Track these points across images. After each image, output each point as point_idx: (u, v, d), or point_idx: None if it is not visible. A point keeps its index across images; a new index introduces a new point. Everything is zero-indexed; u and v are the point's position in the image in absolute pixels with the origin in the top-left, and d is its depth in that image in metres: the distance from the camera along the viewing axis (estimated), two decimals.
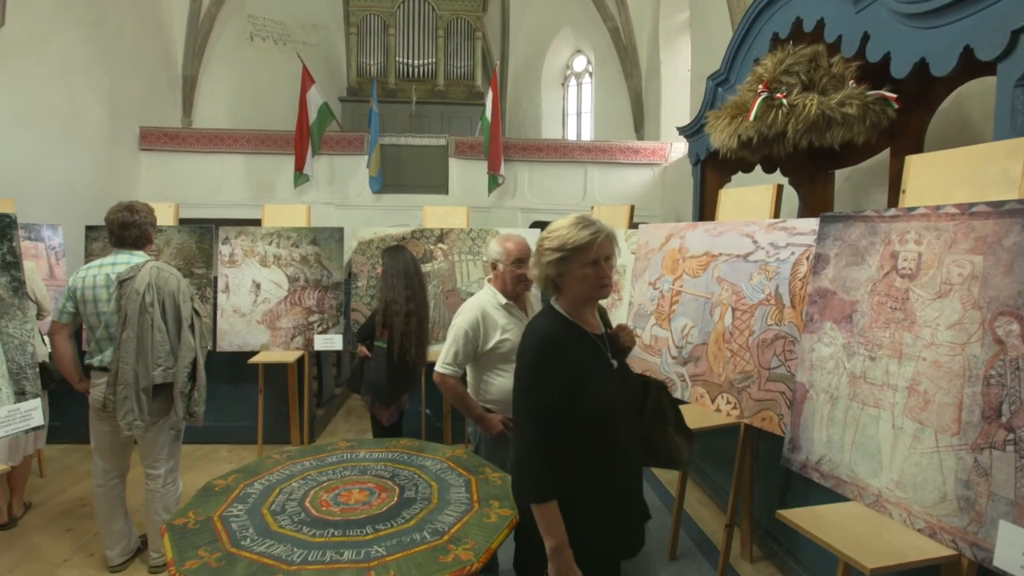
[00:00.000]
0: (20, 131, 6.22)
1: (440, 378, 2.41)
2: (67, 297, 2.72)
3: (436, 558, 1.64)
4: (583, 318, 1.67)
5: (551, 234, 1.59)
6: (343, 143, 8.76)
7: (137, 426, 2.63)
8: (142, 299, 2.61)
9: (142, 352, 2.62)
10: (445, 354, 2.39)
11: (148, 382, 2.63)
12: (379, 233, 4.31)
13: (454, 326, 2.40)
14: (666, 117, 8.85)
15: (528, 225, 8.42)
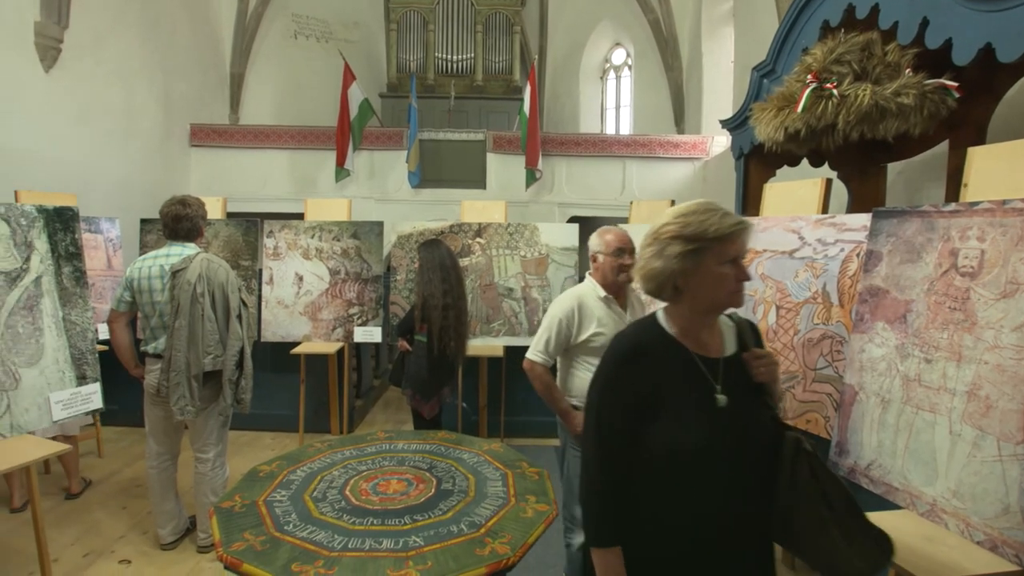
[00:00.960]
0: (82, 129, 6.50)
1: (529, 365, 2.36)
2: (124, 287, 2.83)
3: (473, 550, 1.65)
4: (696, 336, 1.32)
5: (681, 219, 1.26)
6: (383, 138, 8.87)
7: (188, 411, 2.72)
8: (193, 289, 2.70)
9: (193, 340, 2.71)
10: (537, 341, 2.35)
11: (199, 369, 2.73)
12: (418, 227, 4.36)
13: (549, 314, 2.37)
14: (707, 110, 8.67)
15: (565, 220, 8.37)
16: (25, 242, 2.45)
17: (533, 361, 2.34)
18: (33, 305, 2.45)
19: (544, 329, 2.35)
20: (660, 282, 1.28)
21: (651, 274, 1.29)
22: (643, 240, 1.32)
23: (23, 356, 2.40)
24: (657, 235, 1.28)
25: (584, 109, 11.26)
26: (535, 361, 2.34)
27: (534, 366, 2.34)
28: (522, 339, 4.33)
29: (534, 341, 2.36)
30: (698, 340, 1.32)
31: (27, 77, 5.78)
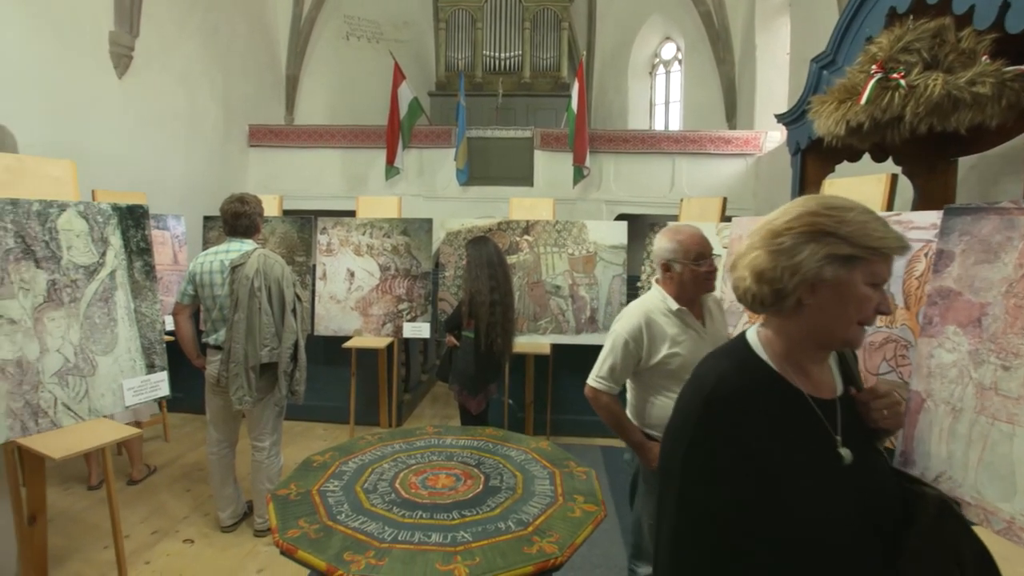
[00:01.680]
0: (151, 132, 6.84)
1: (592, 393, 2.07)
2: (188, 281, 2.97)
3: (521, 548, 1.65)
4: (803, 369, 1.02)
5: (835, 213, 0.96)
6: (431, 136, 8.98)
7: (246, 401, 2.83)
8: (251, 284, 2.80)
9: (251, 333, 2.82)
10: (600, 366, 2.04)
11: (256, 361, 2.83)
12: (466, 224, 4.39)
13: (613, 333, 2.04)
14: (761, 105, 8.40)
15: (613, 218, 8.30)
16: (102, 238, 2.60)
17: (596, 389, 2.06)
18: (108, 297, 2.60)
19: (607, 352, 2.02)
20: (781, 289, 0.97)
21: (770, 276, 0.98)
22: (762, 231, 1.02)
23: (99, 345, 2.55)
24: (793, 227, 0.97)
25: (633, 105, 11.10)
26: (598, 389, 2.05)
27: (598, 395, 2.06)
28: (569, 337, 4.31)
29: (596, 366, 2.06)
30: (808, 376, 1.03)
31: (103, 84, 6.12)
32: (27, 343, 2.33)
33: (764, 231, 1.02)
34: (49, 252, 2.42)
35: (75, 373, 2.46)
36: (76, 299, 2.49)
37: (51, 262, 2.42)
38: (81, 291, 2.51)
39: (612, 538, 3.12)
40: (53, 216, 2.44)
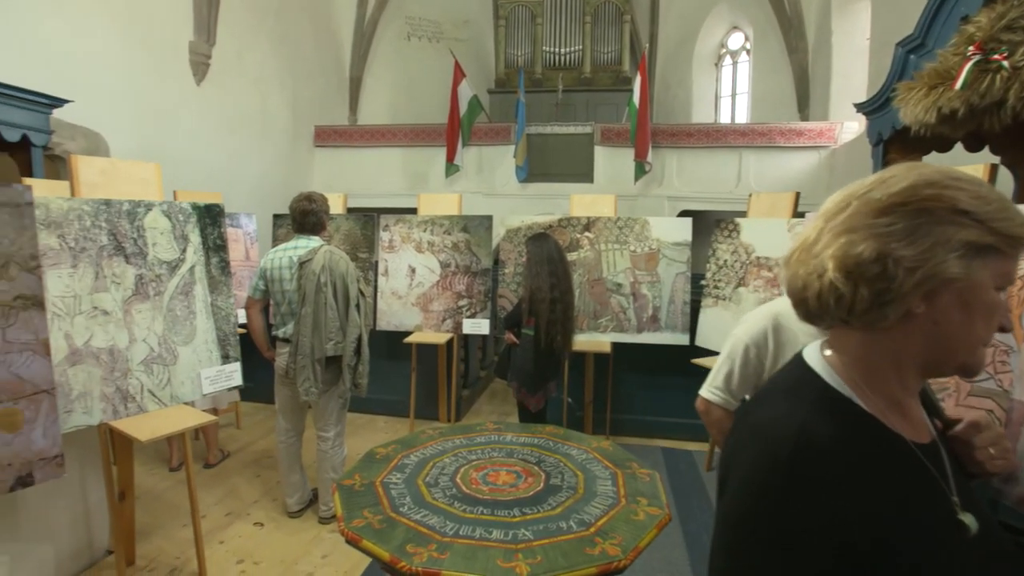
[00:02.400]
0: (225, 134, 7.20)
1: (703, 406, 1.79)
2: (259, 276, 3.09)
3: (583, 549, 1.63)
4: (899, 406, 0.76)
5: (972, 188, 0.69)
6: (491, 134, 9.03)
7: (312, 393, 2.92)
8: (318, 279, 2.88)
9: (317, 327, 2.90)
10: (715, 375, 1.76)
11: (321, 354, 2.91)
12: (526, 221, 4.38)
13: (731, 338, 1.76)
14: (836, 94, 8.00)
15: (676, 214, 8.10)
16: (182, 235, 2.74)
17: (708, 401, 1.76)
18: (188, 291, 2.74)
19: (725, 359, 1.75)
20: (886, 290, 0.69)
21: (872, 273, 0.69)
22: (851, 207, 0.72)
23: (180, 336, 2.70)
24: (909, 201, 0.69)
25: (697, 98, 10.80)
26: (712, 401, 1.76)
27: (710, 408, 1.77)
28: (630, 336, 4.24)
29: (711, 374, 1.77)
30: (905, 414, 0.77)
31: (183, 91, 6.48)
32: (118, 333, 2.49)
33: (858, 207, 0.72)
34: (137, 248, 2.57)
35: (159, 362, 2.62)
36: (160, 293, 2.64)
37: (138, 258, 2.57)
38: (164, 285, 2.66)
39: (674, 542, 3.05)
40: (140, 215, 2.59)
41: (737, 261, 4.01)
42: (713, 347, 4.03)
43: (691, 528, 3.20)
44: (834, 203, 0.75)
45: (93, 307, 2.42)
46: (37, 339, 1.88)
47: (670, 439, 4.48)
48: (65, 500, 2.65)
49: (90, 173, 2.55)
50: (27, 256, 1.88)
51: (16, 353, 1.84)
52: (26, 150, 3.62)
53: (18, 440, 1.82)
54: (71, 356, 2.33)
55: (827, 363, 0.78)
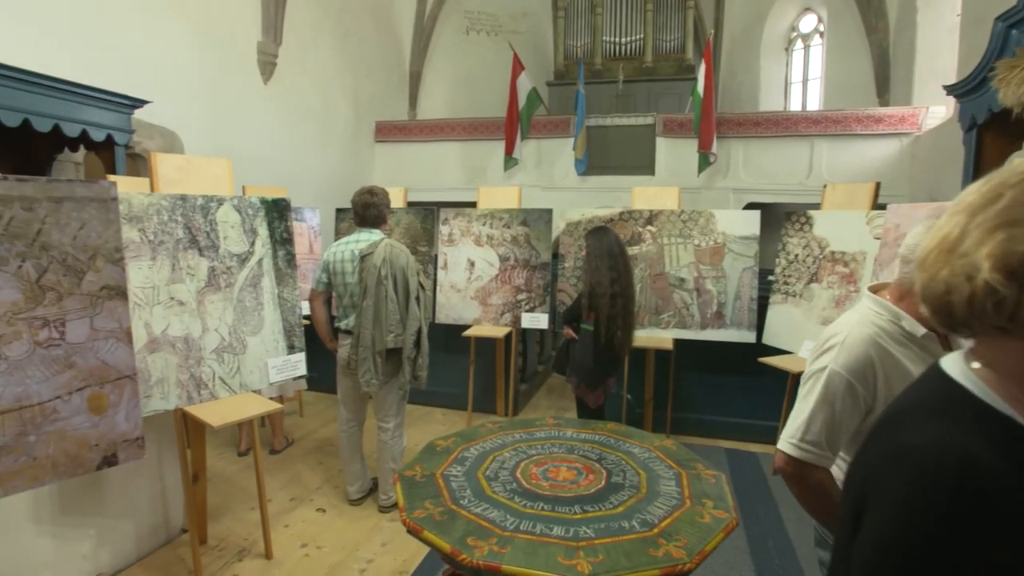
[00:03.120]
0: (291, 131, 7.44)
1: (791, 466, 1.34)
2: (322, 269, 3.15)
3: (646, 550, 1.58)
4: None
5: None
6: (550, 127, 8.95)
7: (372, 384, 2.97)
8: (378, 272, 2.92)
9: (378, 319, 2.94)
10: (804, 424, 1.32)
11: (382, 346, 2.95)
12: (587, 214, 4.31)
13: (820, 371, 1.33)
14: (921, 77, 7.48)
15: (742, 207, 7.80)
16: (251, 229, 2.83)
17: (797, 460, 1.32)
18: (256, 283, 2.84)
19: (816, 402, 1.31)
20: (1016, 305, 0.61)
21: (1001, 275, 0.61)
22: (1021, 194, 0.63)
23: (249, 326, 2.79)
24: None
25: (765, 85, 10.35)
26: (803, 460, 1.31)
27: (801, 469, 1.32)
28: (693, 332, 4.11)
29: (796, 424, 1.34)
30: None
31: (251, 90, 6.74)
32: (192, 322, 2.60)
33: (1016, 197, 0.63)
34: (210, 242, 2.67)
35: (229, 351, 2.72)
36: (230, 284, 2.74)
37: (211, 251, 2.68)
38: (234, 277, 2.76)
39: (737, 546, 2.93)
40: (213, 209, 2.70)
41: (809, 256, 3.81)
42: (782, 346, 3.85)
43: (755, 532, 3.08)
44: (980, 194, 0.66)
45: (170, 297, 2.53)
46: (121, 327, 1.97)
47: (733, 440, 4.33)
48: (144, 480, 2.80)
49: (168, 169, 2.67)
50: (112, 248, 1.98)
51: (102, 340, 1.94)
52: (110, 149, 3.85)
53: (104, 422, 1.93)
54: (150, 344, 2.45)
55: (977, 377, 0.68)
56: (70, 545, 2.47)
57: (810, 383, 1.35)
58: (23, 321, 1.76)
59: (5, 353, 1.72)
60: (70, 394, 1.86)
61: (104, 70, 4.52)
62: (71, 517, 2.47)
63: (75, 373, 1.86)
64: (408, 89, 10.49)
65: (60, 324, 1.84)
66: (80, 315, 1.89)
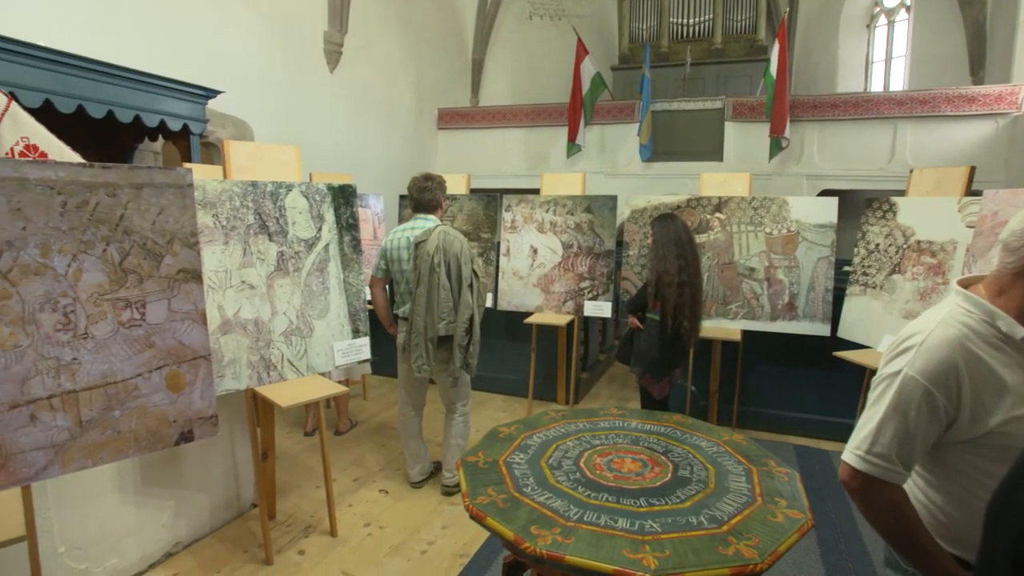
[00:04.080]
0: (356, 119, 7.59)
1: (858, 481, 1.18)
2: (380, 256, 3.18)
3: (715, 548, 1.51)
4: None
5: None
6: (614, 112, 8.76)
7: (424, 370, 2.98)
8: (431, 260, 2.91)
9: (430, 306, 2.93)
10: (867, 433, 1.18)
11: (433, 333, 2.95)
12: (652, 201, 4.18)
13: (894, 375, 1.16)
14: (1022, 52, 6.85)
15: (816, 194, 7.41)
16: (319, 215, 2.89)
17: (866, 475, 1.17)
18: (323, 267, 2.89)
19: (887, 409, 1.15)
20: None
21: None
22: None
23: (316, 310, 2.86)
24: None
25: (844, 65, 9.75)
26: (870, 475, 1.17)
27: (869, 484, 1.17)
28: (762, 324, 3.93)
29: (864, 434, 1.19)
30: None
31: (318, 78, 6.90)
32: (262, 306, 2.68)
33: None
34: (279, 227, 2.74)
35: (297, 334, 2.79)
36: (298, 269, 2.81)
37: (280, 236, 2.75)
38: (302, 261, 2.82)
39: (807, 547, 2.80)
40: (282, 195, 2.76)
41: (892, 245, 3.57)
42: (859, 340, 3.63)
43: (826, 534, 2.93)
44: None
45: (241, 281, 2.61)
46: (196, 309, 2.04)
47: (803, 437, 4.13)
48: (218, 457, 2.92)
49: (239, 156, 2.75)
50: (188, 233, 2.04)
51: (179, 321, 2.02)
52: (186, 138, 4.02)
53: (181, 400, 2.01)
54: (223, 326, 2.54)
55: None
56: (151, 514, 2.61)
57: (881, 388, 1.19)
58: (108, 302, 1.84)
59: (92, 332, 1.81)
60: (150, 372, 1.94)
61: (180, 62, 4.73)
62: (152, 489, 2.61)
63: (154, 352, 1.94)
64: (470, 76, 10.50)
65: (141, 305, 1.92)
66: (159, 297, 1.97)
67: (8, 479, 1.65)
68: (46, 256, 1.70)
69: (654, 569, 1.41)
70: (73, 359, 1.76)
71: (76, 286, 1.77)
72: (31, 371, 1.68)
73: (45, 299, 1.70)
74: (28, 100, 2.93)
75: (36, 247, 1.68)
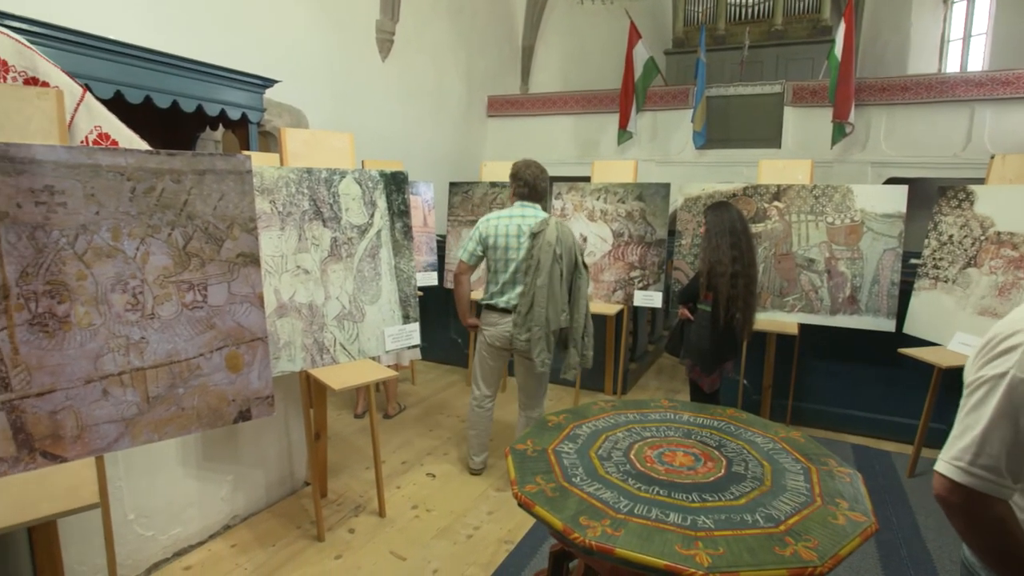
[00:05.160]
0: (406, 106, 7.66)
1: (957, 496, 1.06)
2: (477, 242, 3.06)
3: (772, 548, 1.46)
4: None
5: None
6: (667, 98, 8.55)
7: (547, 363, 2.93)
8: (553, 251, 2.86)
9: (552, 298, 2.88)
10: (970, 442, 1.05)
11: (556, 325, 2.91)
12: (707, 189, 4.05)
13: (997, 379, 1.03)
14: None
15: (882, 182, 7.05)
16: (371, 201, 2.93)
17: (966, 489, 1.04)
18: (375, 253, 2.93)
19: (995, 416, 1.02)
20: None
21: None
22: None
23: (367, 295, 2.90)
24: None
25: (916, 45, 9.21)
26: (974, 490, 1.04)
27: (972, 499, 1.05)
28: (821, 317, 3.77)
29: (958, 441, 1.07)
30: None
31: (370, 67, 6.99)
32: (316, 290, 2.74)
33: None
34: (332, 213, 2.79)
35: (349, 318, 2.84)
36: (351, 254, 2.85)
37: (333, 222, 2.79)
38: (355, 247, 2.87)
39: (866, 551, 2.69)
40: (336, 182, 2.80)
41: (967, 237, 3.35)
42: (927, 336, 3.44)
43: (886, 539, 2.80)
44: None
45: (296, 266, 2.68)
46: (254, 292, 2.10)
47: (863, 436, 3.97)
48: (273, 436, 3.02)
49: (295, 143, 2.81)
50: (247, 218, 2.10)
51: (238, 304, 2.08)
52: (244, 127, 4.14)
53: (239, 380, 2.07)
54: (278, 309, 2.61)
55: None
56: (211, 488, 2.73)
57: (981, 392, 1.06)
58: (172, 284, 1.91)
59: (158, 313, 1.88)
60: (211, 352, 2.01)
61: (239, 53, 4.87)
62: (212, 464, 2.72)
63: (215, 333, 2.01)
64: (520, 63, 10.43)
65: (203, 288, 1.98)
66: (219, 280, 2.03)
67: (83, 449, 1.74)
68: (117, 239, 1.77)
69: (707, 566, 1.38)
70: (141, 338, 1.84)
71: (144, 268, 1.84)
72: (103, 348, 1.76)
73: (116, 280, 1.78)
74: (100, 91, 3.07)
75: (108, 231, 1.76)
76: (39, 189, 1.64)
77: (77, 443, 1.73)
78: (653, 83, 8.42)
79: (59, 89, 1.89)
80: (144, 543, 2.45)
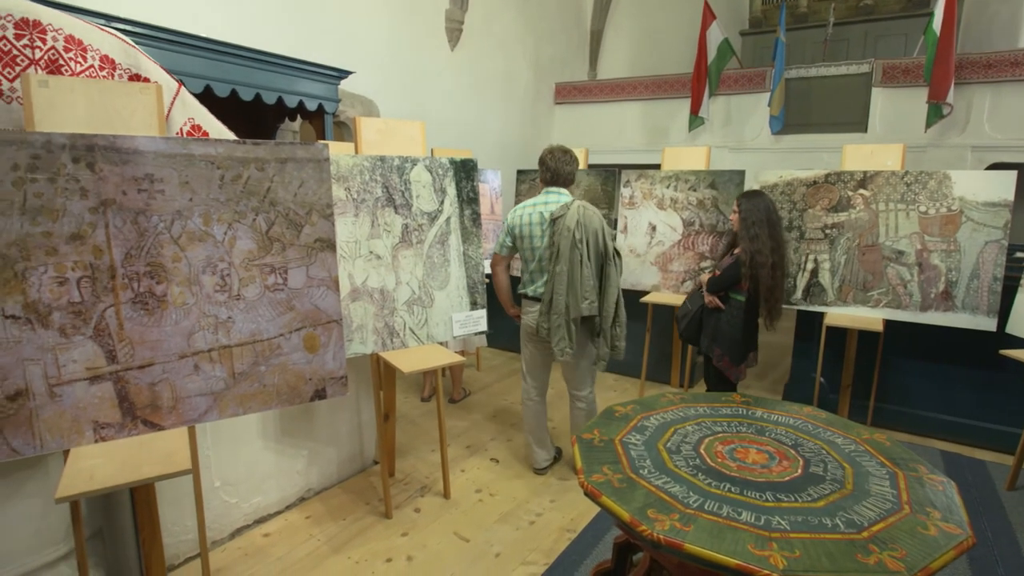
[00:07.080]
0: (475, 95, 7.70)
1: None
2: (506, 233, 3.08)
3: (854, 555, 1.39)
4: None
5: None
6: (742, 81, 8.18)
7: (567, 352, 2.85)
8: (572, 236, 2.77)
9: (572, 285, 2.80)
10: None
11: (577, 313, 2.81)
12: (784, 176, 3.86)
13: None
14: None
15: (984, 168, 6.51)
16: (441, 188, 2.97)
17: None
18: (444, 240, 2.98)
19: None
20: None
21: None
22: None
23: (436, 281, 2.95)
24: None
25: None
26: None
27: None
28: (910, 314, 3.52)
29: None
30: None
31: (439, 56, 7.06)
32: (387, 276, 2.81)
33: None
34: (404, 200, 2.85)
35: (418, 304, 2.90)
36: (421, 241, 2.91)
37: (405, 209, 2.85)
38: (425, 234, 2.92)
39: (958, 570, 2.50)
40: (407, 169, 2.86)
41: None
42: None
43: (980, 554, 2.61)
44: None
45: (369, 252, 2.75)
46: (330, 276, 2.18)
47: (953, 442, 3.71)
48: (345, 415, 3.14)
49: (369, 132, 2.88)
50: (324, 205, 2.17)
51: (315, 287, 2.16)
52: (320, 117, 4.28)
53: (316, 360, 2.16)
54: (352, 293, 2.70)
55: None
56: (288, 461, 2.87)
57: None
58: (256, 267, 2.01)
59: (243, 294, 1.99)
60: (290, 333, 2.10)
61: (313, 46, 5.02)
62: (289, 438, 2.86)
63: (294, 315, 2.10)
64: (588, 49, 10.25)
65: (283, 271, 2.08)
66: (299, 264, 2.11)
67: (178, 419, 1.87)
68: (207, 224, 1.88)
69: (782, 569, 1.33)
70: (228, 317, 1.95)
71: (231, 252, 1.94)
72: (195, 326, 1.88)
73: (206, 263, 1.89)
74: (192, 86, 3.24)
75: (200, 216, 1.87)
76: (141, 177, 1.76)
77: (172, 413, 1.86)
78: (727, 66, 8.08)
79: (158, 84, 2.01)
80: (228, 509, 2.62)
